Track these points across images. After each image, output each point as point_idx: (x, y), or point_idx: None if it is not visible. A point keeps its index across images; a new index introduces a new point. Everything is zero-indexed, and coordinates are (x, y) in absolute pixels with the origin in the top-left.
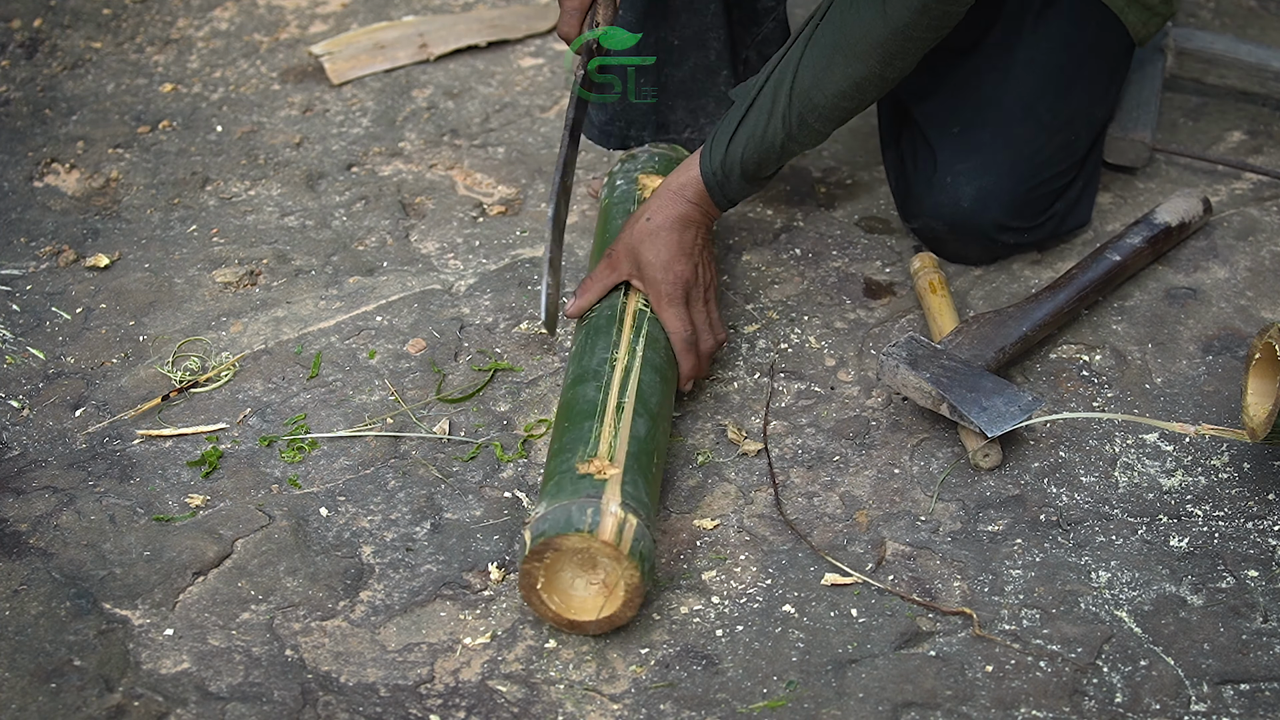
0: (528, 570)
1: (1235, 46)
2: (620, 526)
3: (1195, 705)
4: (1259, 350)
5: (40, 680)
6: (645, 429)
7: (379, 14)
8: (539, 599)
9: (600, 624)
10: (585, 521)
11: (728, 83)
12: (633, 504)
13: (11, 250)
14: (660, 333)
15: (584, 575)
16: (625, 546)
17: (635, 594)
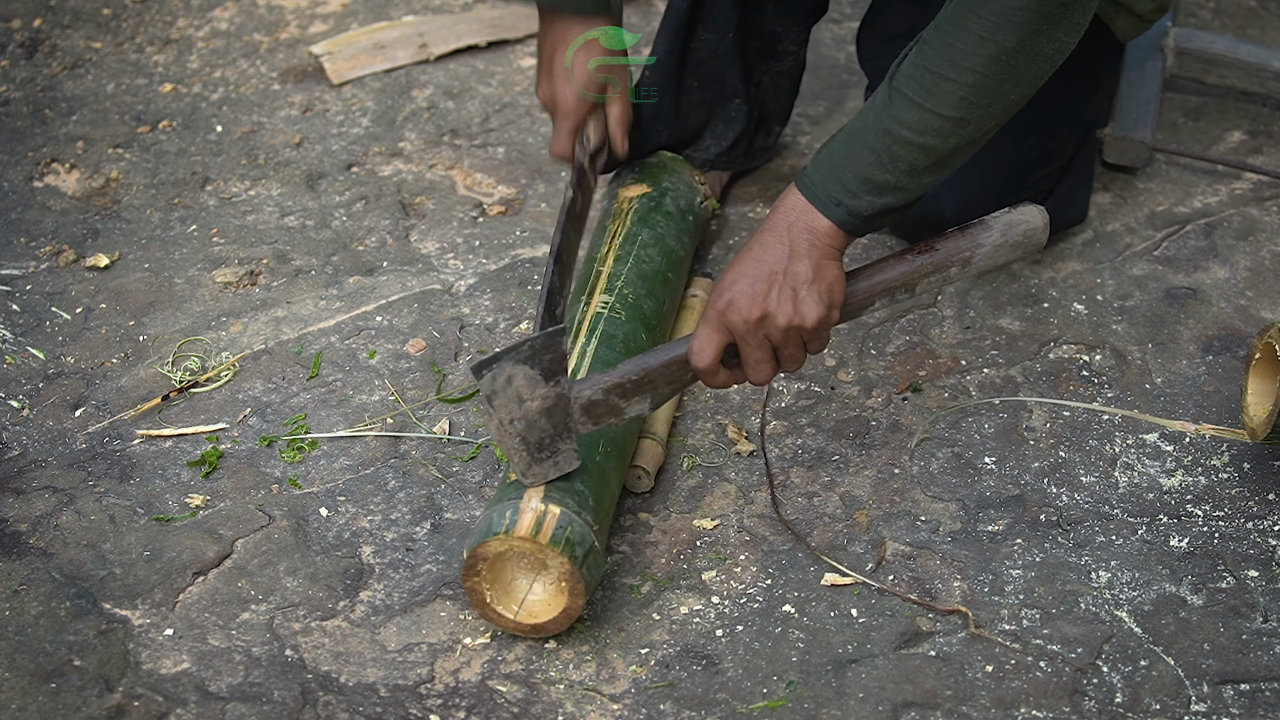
0: (471, 587)
1: (1235, 46)
2: (540, 519)
3: (1195, 705)
4: (1259, 350)
5: (40, 680)
6: None
7: (379, 14)
8: (494, 612)
9: (559, 620)
10: (503, 523)
11: (738, 109)
12: (559, 495)
13: (11, 250)
14: (619, 330)
15: (540, 578)
16: (545, 537)
17: (574, 580)
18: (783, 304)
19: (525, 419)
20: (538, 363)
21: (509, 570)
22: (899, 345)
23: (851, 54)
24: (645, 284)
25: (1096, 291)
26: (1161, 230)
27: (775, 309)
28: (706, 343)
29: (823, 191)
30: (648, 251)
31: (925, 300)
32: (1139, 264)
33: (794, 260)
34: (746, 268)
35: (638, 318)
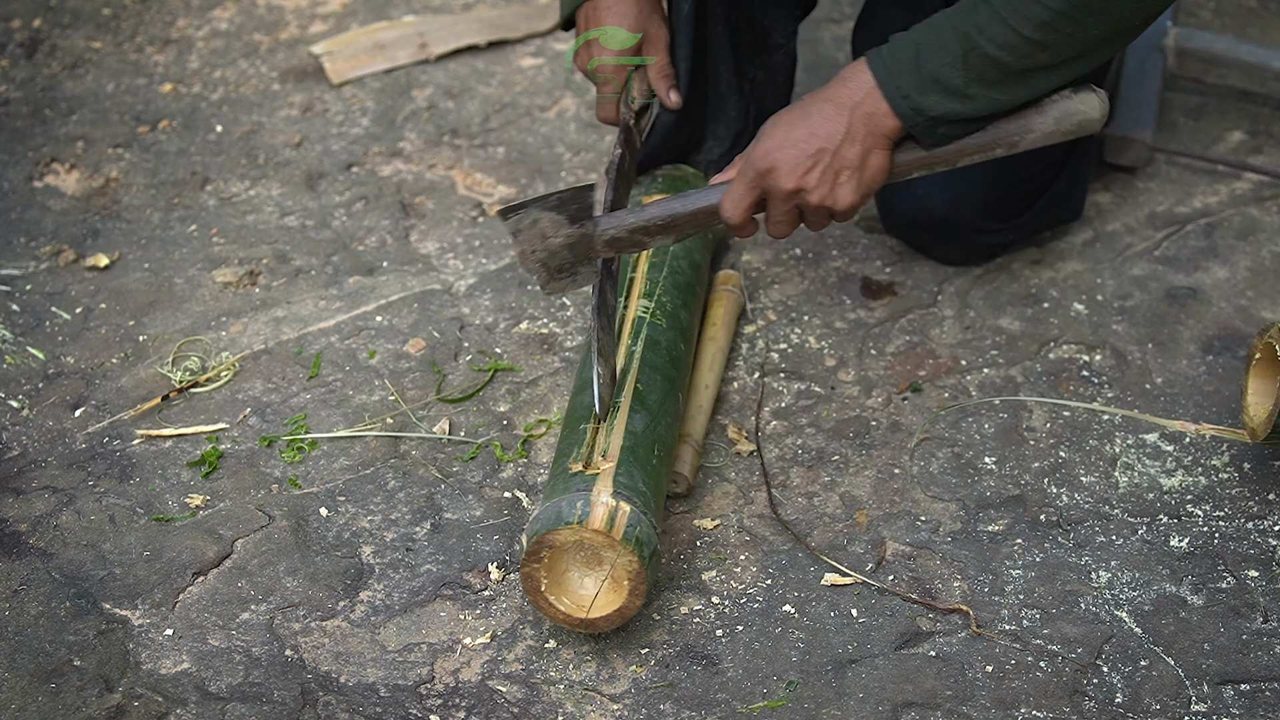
0: (528, 573)
1: (1235, 46)
2: (612, 515)
3: (1195, 705)
4: (1259, 350)
5: (40, 680)
6: (643, 424)
7: (379, 14)
8: (546, 601)
9: (611, 618)
10: (575, 514)
11: (736, 108)
12: (627, 493)
13: (11, 250)
14: (663, 337)
15: (591, 573)
16: (618, 533)
17: (639, 581)
18: (821, 184)
19: (547, 250)
20: (564, 210)
21: (564, 562)
22: (899, 345)
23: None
24: (680, 294)
25: (1096, 291)
26: (1161, 230)
27: (812, 186)
28: (740, 200)
29: (893, 80)
30: (679, 263)
31: (925, 300)
32: (1139, 264)
33: (846, 143)
34: (797, 134)
35: (676, 326)
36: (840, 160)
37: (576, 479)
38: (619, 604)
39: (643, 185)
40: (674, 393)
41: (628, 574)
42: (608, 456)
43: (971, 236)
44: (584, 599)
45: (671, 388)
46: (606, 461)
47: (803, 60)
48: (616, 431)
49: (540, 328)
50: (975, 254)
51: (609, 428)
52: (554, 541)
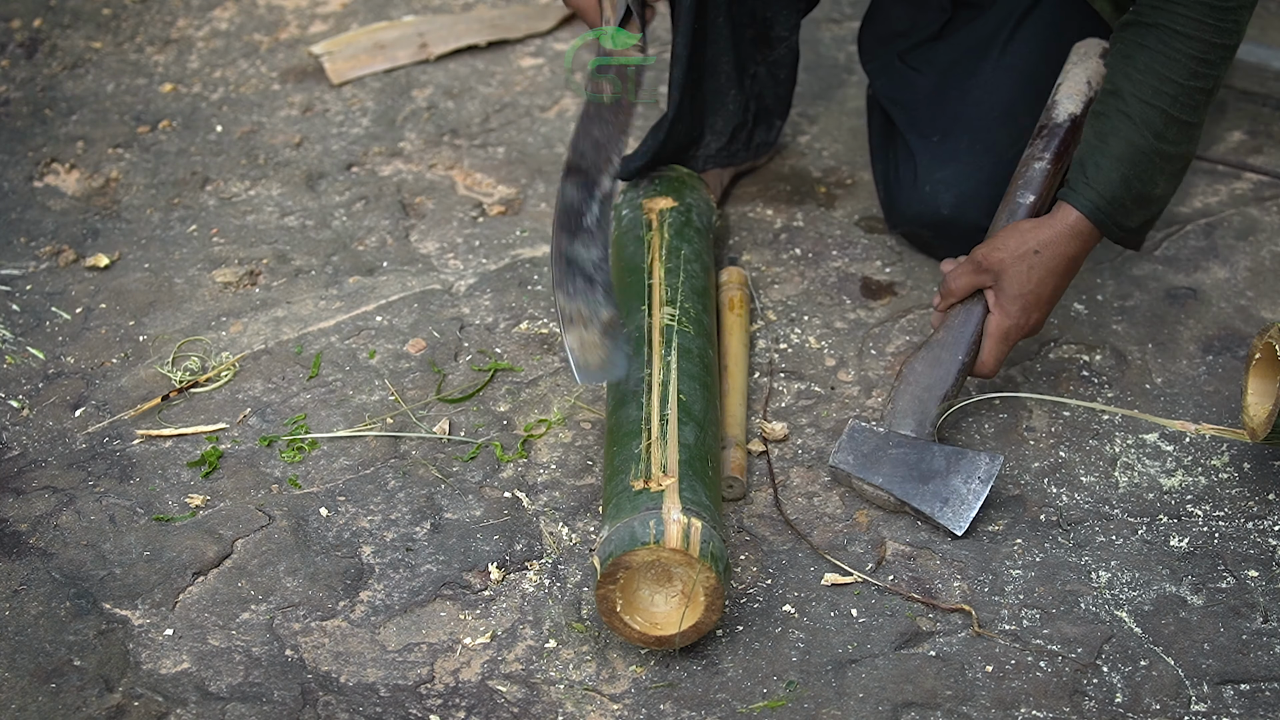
0: (604, 595)
1: None
2: (685, 531)
3: (1195, 705)
4: (1259, 350)
5: (40, 680)
6: (694, 436)
7: (379, 14)
8: (621, 622)
9: (686, 635)
10: (649, 534)
11: (735, 101)
12: (694, 508)
13: (11, 250)
14: (693, 344)
15: (662, 590)
16: (694, 550)
17: (716, 596)
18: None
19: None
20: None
21: (635, 581)
22: (899, 345)
23: (852, 54)
24: (699, 299)
25: (1096, 291)
26: (1161, 230)
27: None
28: (998, 360)
29: (1100, 214)
30: (692, 267)
31: (925, 300)
32: (1139, 264)
33: (1057, 291)
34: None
35: (703, 333)
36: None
37: (642, 497)
38: (695, 620)
39: (640, 189)
40: (713, 400)
41: (705, 590)
42: (668, 471)
43: (975, 235)
44: (656, 616)
45: (710, 396)
46: (668, 477)
47: (803, 60)
48: (671, 445)
49: (540, 328)
50: None
51: (662, 442)
52: (630, 563)
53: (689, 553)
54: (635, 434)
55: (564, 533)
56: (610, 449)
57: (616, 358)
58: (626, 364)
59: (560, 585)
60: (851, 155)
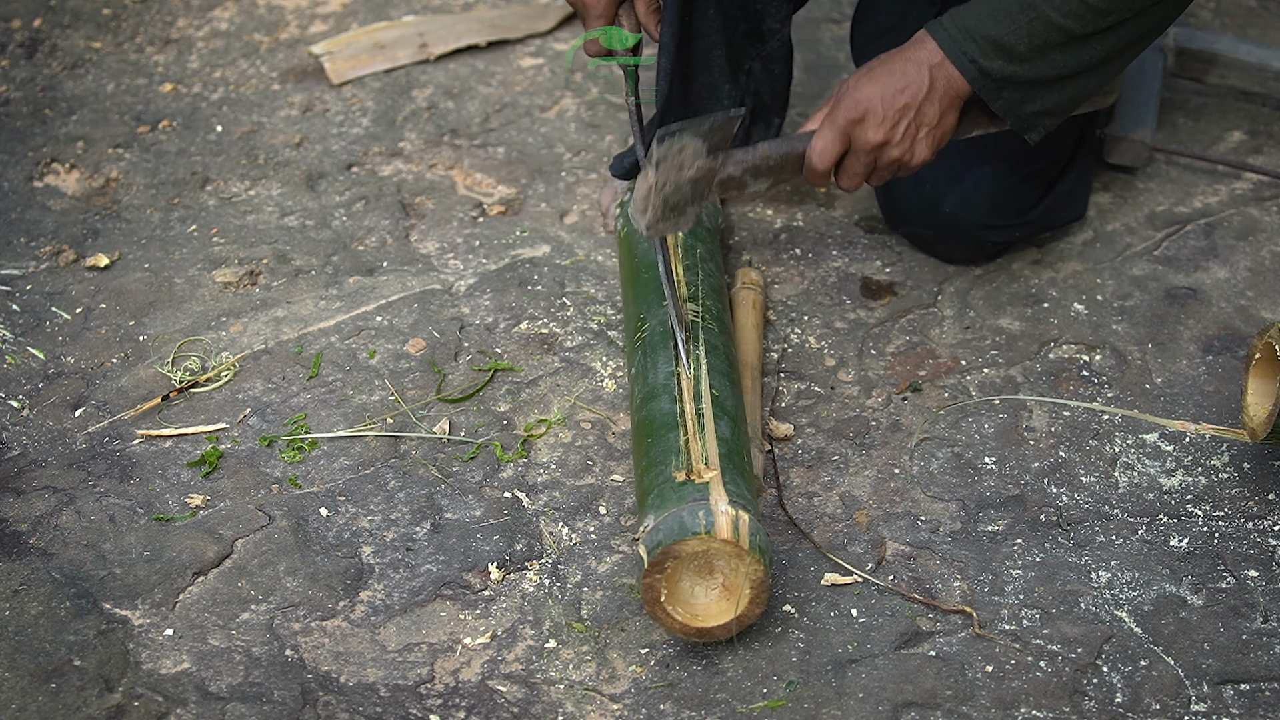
0: (650, 584)
1: (1235, 46)
2: (735, 523)
3: (1195, 705)
4: (1259, 350)
5: (40, 680)
6: (730, 430)
7: (379, 14)
8: (664, 612)
9: (729, 626)
10: (699, 524)
11: (730, 96)
12: (740, 501)
13: (11, 250)
14: (718, 341)
15: (703, 582)
16: (744, 542)
17: (762, 590)
18: (904, 140)
19: (675, 184)
20: (710, 138)
21: (679, 572)
22: (899, 345)
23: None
24: (717, 297)
25: (1096, 291)
26: (1161, 230)
27: (895, 141)
28: (829, 148)
29: (959, 47)
30: (708, 265)
31: (925, 300)
32: (1139, 264)
33: (928, 101)
34: (885, 90)
35: (724, 331)
36: (921, 117)
37: (688, 488)
38: (742, 611)
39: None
40: (740, 396)
41: (752, 583)
42: (709, 464)
43: (977, 234)
44: (696, 608)
45: (738, 392)
46: (710, 470)
47: (803, 60)
48: (710, 439)
49: (540, 328)
50: (980, 252)
51: (701, 436)
52: (680, 552)
53: (739, 544)
54: (670, 426)
55: (564, 533)
56: (643, 441)
57: None
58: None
59: (560, 585)
60: None
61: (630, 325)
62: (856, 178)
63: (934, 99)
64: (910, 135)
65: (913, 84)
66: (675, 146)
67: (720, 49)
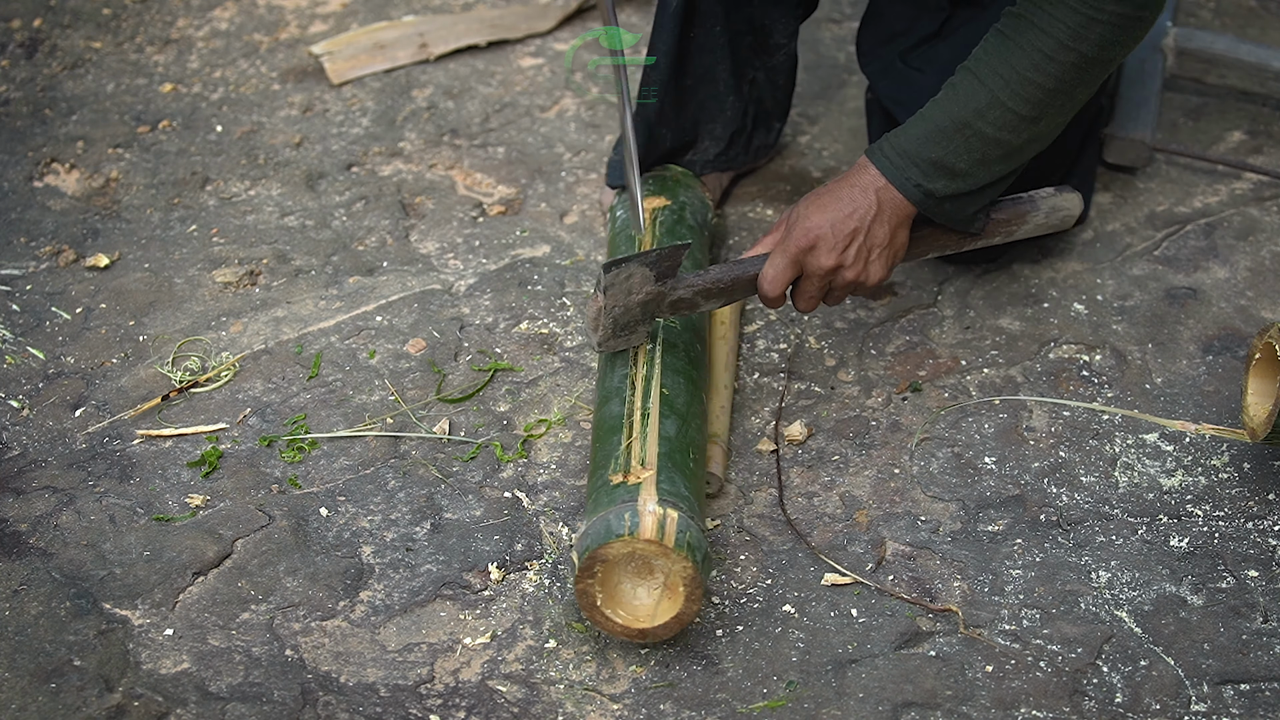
0: (583, 590)
1: (1235, 46)
2: (660, 522)
3: (1195, 705)
4: (1259, 350)
5: (40, 680)
6: (675, 428)
7: (379, 14)
8: (603, 616)
9: (669, 625)
10: (624, 525)
11: (733, 107)
12: (671, 499)
13: (11, 250)
14: (679, 339)
15: (644, 583)
16: (670, 540)
17: (695, 586)
18: (856, 262)
19: (626, 306)
20: (658, 266)
21: (616, 574)
22: (899, 345)
23: (851, 54)
24: None
25: (1096, 291)
26: (1161, 230)
27: (848, 265)
28: (780, 276)
29: (900, 173)
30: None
31: (925, 300)
32: (1139, 264)
33: (876, 223)
34: (834, 216)
35: (689, 328)
36: (872, 239)
37: (620, 490)
38: (676, 611)
39: None
40: (698, 394)
41: (683, 580)
42: (646, 464)
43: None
44: (639, 610)
45: (695, 389)
46: (646, 470)
47: (803, 60)
48: (651, 438)
49: (540, 328)
50: (981, 254)
51: (642, 436)
52: (606, 555)
53: (664, 543)
54: (616, 430)
55: (564, 533)
56: (594, 446)
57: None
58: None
59: (560, 585)
60: (851, 155)
61: None
62: (812, 300)
63: (882, 220)
64: (862, 257)
65: (860, 208)
66: (622, 275)
67: (725, 63)
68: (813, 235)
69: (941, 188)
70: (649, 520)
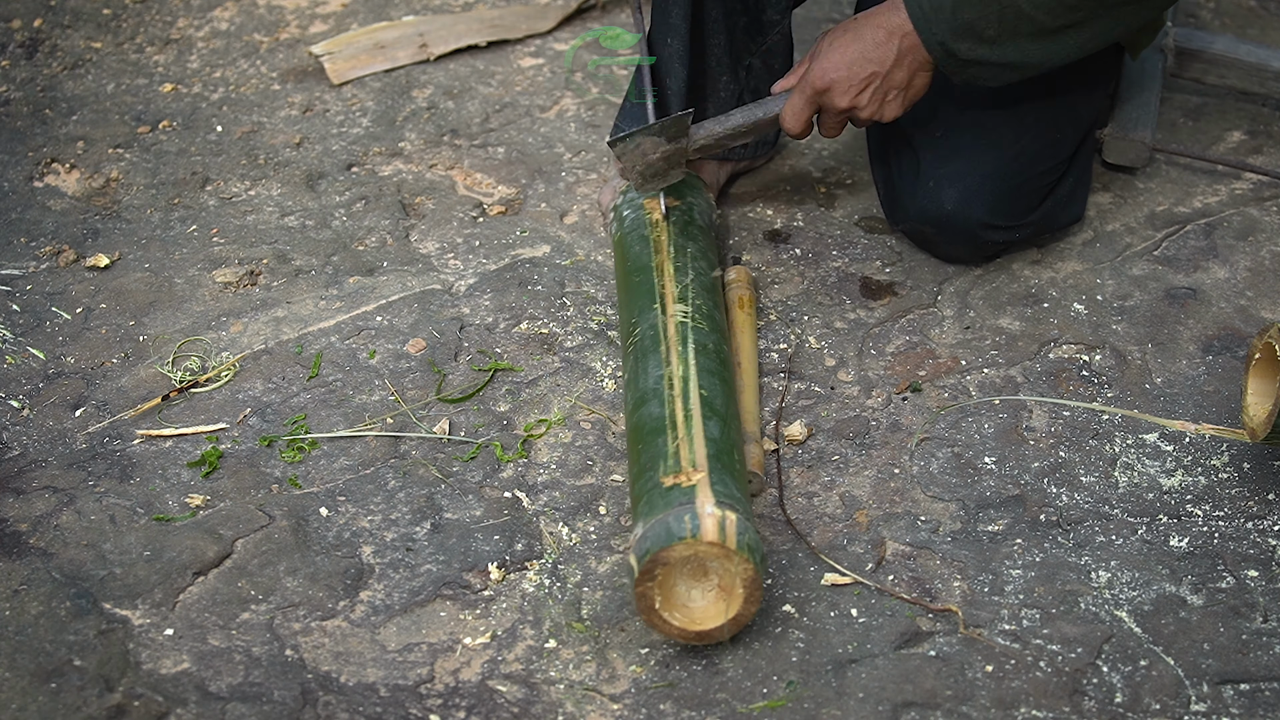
0: (643, 593)
1: (1235, 46)
2: (721, 524)
3: (1195, 705)
4: (1259, 350)
5: (40, 680)
6: (718, 430)
7: (379, 14)
8: (660, 619)
9: (728, 627)
10: (685, 529)
11: (727, 88)
12: (727, 501)
13: (11, 250)
14: (709, 340)
15: (698, 585)
16: (731, 542)
17: (754, 588)
18: (871, 103)
19: (646, 163)
20: (665, 133)
21: (673, 578)
22: (899, 345)
23: None
24: (709, 296)
25: (1096, 291)
26: (1161, 230)
27: (864, 104)
28: (800, 113)
29: (929, 26)
30: (699, 264)
31: (925, 300)
32: (1139, 264)
33: (895, 67)
34: (852, 55)
35: (715, 329)
36: (889, 82)
37: (675, 493)
38: (736, 612)
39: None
40: (732, 395)
41: (743, 582)
42: (697, 466)
43: (978, 233)
44: (694, 611)
45: (729, 390)
46: (698, 472)
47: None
48: (697, 440)
49: (540, 328)
50: (979, 252)
51: (689, 438)
52: (668, 559)
53: (726, 545)
54: (659, 431)
55: (564, 533)
56: (635, 447)
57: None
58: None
59: (560, 585)
60: (851, 155)
61: (624, 330)
62: (834, 129)
63: (902, 65)
64: (878, 99)
65: (879, 53)
66: (631, 145)
67: (721, 41)
68: (829, 78)
69: (966, 50)
70: (709, 523)
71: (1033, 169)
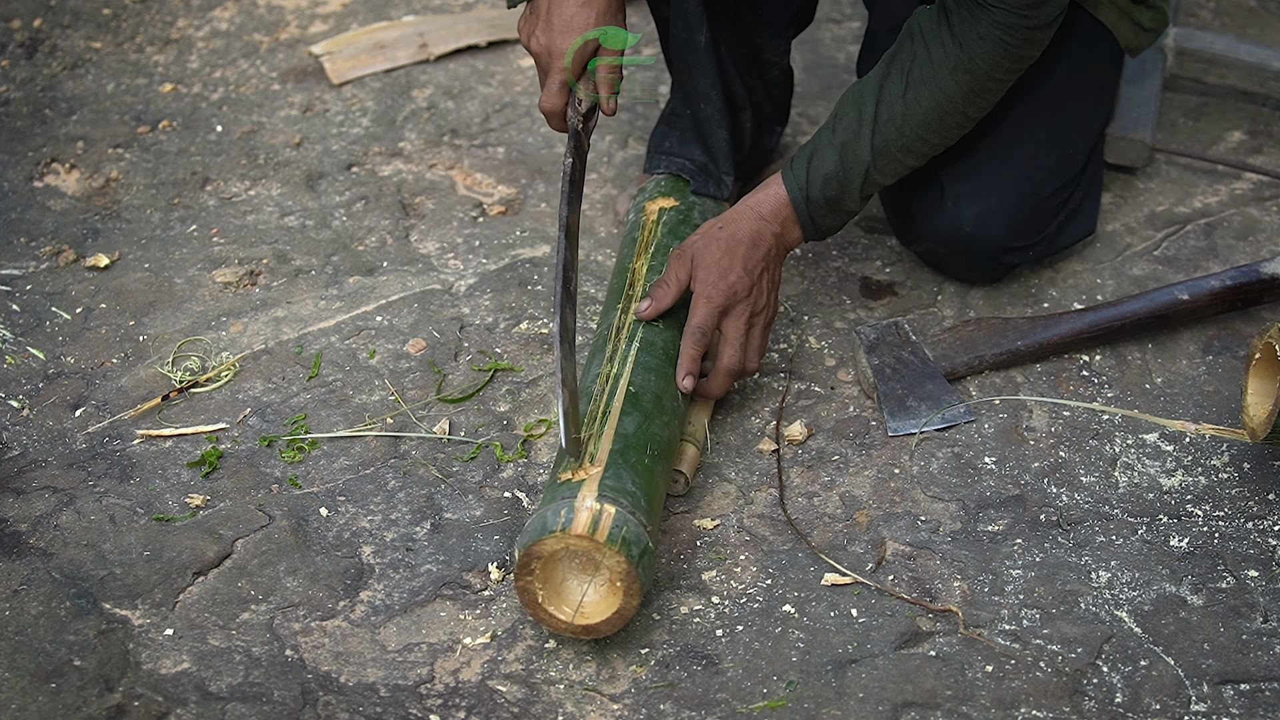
0: (523, 587)
1: (1235, 46)
2: (595, 518)
3: (1195, 705)
4: (1259, 350)
5: (40, 680)
6: (634, 425)
7: (379, 14)
8: (546, 613)
9: (611, 621)
10: (558, 521)
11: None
12: (613, 495)
13: (11, 250)
14: (658, 337)
15: (589, 579)
16: (602, 535)
17: (630, 580)
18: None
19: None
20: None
21: (561, 571)
22: None
23: (851, 54)
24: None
25: (1096, 291)
26: (1161, 230)
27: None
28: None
29: (813, 224)
30: None
31: (925, 300)
32: (1139, 264)
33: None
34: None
35: (672, 325)
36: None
37: (563, 487)
38: (615, 606)
39: (647, 191)
40: (671, 390)
41: (619, 575)
42: (596, 461)
43: (996, 256)
44: (586, 606)
45: (668, 385)
46: (594, 467)
47: (803, 60)
48: (606, 436)
49: (540, 328)
50: (991, 273)
51: (597, 434)
52: (541, 552)
53: (595, 538)
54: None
55: None
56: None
57: None
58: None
59: None
60: None
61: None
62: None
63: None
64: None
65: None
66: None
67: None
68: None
69: (831, 224)
70: (583, 516)
71: (1050, 185)
